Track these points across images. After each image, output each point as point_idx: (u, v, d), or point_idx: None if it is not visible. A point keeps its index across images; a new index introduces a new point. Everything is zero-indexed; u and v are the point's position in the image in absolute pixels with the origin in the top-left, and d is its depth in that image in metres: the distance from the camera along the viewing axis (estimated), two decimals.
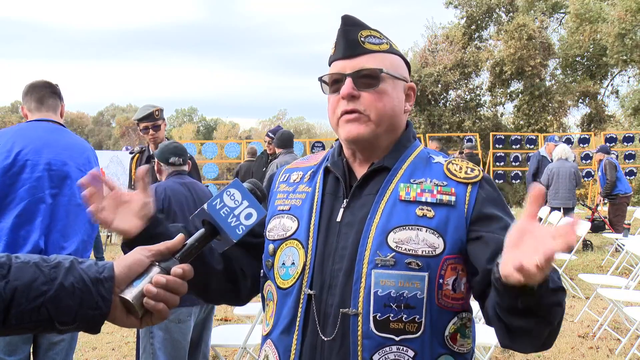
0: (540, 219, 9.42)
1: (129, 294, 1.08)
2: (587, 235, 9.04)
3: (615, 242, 8.48)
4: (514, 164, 16.32)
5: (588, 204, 14.05)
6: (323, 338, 1.29)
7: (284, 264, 1.38)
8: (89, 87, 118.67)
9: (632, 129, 21.90)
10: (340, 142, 1.47)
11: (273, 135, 7.17)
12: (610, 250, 8.96)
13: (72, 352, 3.12)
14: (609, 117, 26.14)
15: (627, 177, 12.51)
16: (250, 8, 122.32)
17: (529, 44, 22.83)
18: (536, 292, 1.10)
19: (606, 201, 10.21)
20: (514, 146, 16.36)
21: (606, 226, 10.38)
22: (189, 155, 3.88)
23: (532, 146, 15.96)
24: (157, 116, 4.55)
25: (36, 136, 2.92)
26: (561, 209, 8.81)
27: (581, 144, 16.08)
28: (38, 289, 1.03)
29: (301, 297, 1.32)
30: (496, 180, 15.17)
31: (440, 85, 24.49)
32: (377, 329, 1.26)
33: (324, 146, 15.32)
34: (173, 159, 3.55)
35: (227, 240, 1.15)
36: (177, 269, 1.11)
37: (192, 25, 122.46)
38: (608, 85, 26.58)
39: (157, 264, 1.12)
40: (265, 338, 1.43)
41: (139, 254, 1.12)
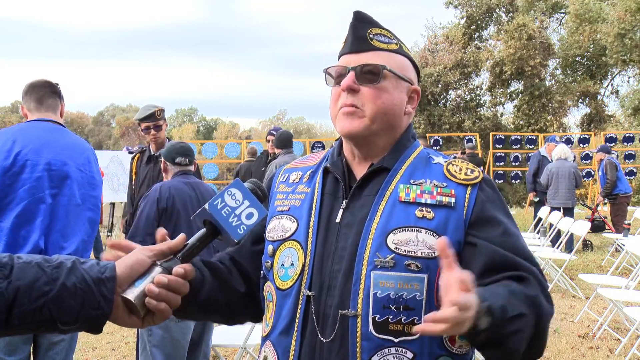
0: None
1: (131, 294, 1.08)
2: (587, 235, 9.03)
3: (615, 242, 8.48)
4: (514, 164, 16.31)
5: (588, 204, 14.04)
6: (322, 339, 1.29)
7: (283, 264, 1.38)
8: (89, 87, 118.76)
9: (632, 129, 21.89)
10: (340, 142, 1.48)
11: (276, 132, 7.17)
12: (610, 250, 8.97)
13: (72, 352, 3.13)
14: (609, 117, 26.13)
15: (627, 177, 12.50)
16: (250, 8, 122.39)
17: (529, 44, 22.82)
18: (483, 329, 1.10)
19: (606, 201, 10.21)
20: (514, 146, 16.36)
21: (606, 226, 10.38)
22: None
23: (532, 146, 15.96)
24: (159, 116, 4.56)
25: (36, 136, 2.91)
26: (561, 209, 8.82)
27: (581, 144, 16.07)
28: (40, 289, 1.04)
29: (300, 298, 1.32)
30: (496, 180, 15.17)
31: (440, 85, 24.48)
32: (376, 331, 1.26)
33: (324, 146, 15.32)
34: (179, 159, 3.59)
35: (229, 240, 1.15)
36: (179, 268, 1.11)
37: (192, 25, 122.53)
38: (608, 85, 26.58)
39: (159, 263, 1.12)
40: (264, 339, 1.43)
41: (141, 253, 1.12)
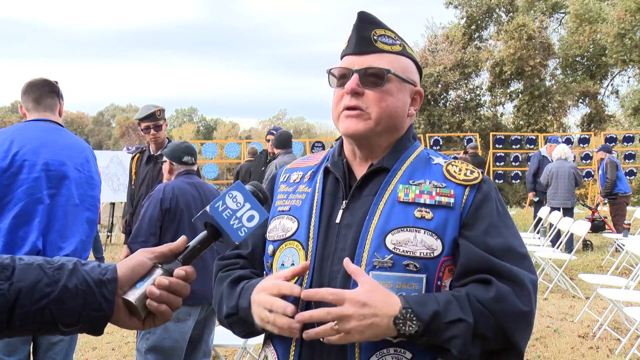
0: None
1: (132, 296, 1.08)
2: (587, 235, 9.04)
3: (615, 242, 8.49)
4: (513, 164, 16.32)
5: (588, 204, 14.05)
6: (321, 340, 1.28)
7: (283, 264, 1.38)
8: (89, 87, 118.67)
9: (632, 129, 21.90)
10: (341, 142, 1.48)
11: (275, 132, 7.17)
12: (610, 250, 8.97)
13: (72, 352, 3.11)
14: (609, 117, 26.13)
15: (627, 177, 12.51)
16: (250, 8, 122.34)
17: (529, 44, 22.82)
18: (415, 334, 1.20)
19: (606, 201, 10.22)
20: (513, 146, 16.36)
21: (606, 226, 10.39)
22: None
23: (532, 146, 15.96)
24: (159, 116, 4.55)
25: (34, 136, 2.90)
26: (560, 209, 8.82)
27: (581, 144, 16.07)
28: (42, 290, 1.04)
29: (300, 299, 1.33)
30: (496, 180, 15.17)
31: (440, 86, 24.48)
32: None
33: (324, 146, 15.32)
34: (186, 158, 3.61)
35: (229, 242, 1.15)
36: (180, 270, 1.11)
37: (192, 25, 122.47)
38: (608, 85, 26.58)
39: (160, 266, 1.12)
40: (265, 339, 1.43)
41: (142, 256, 1.12)
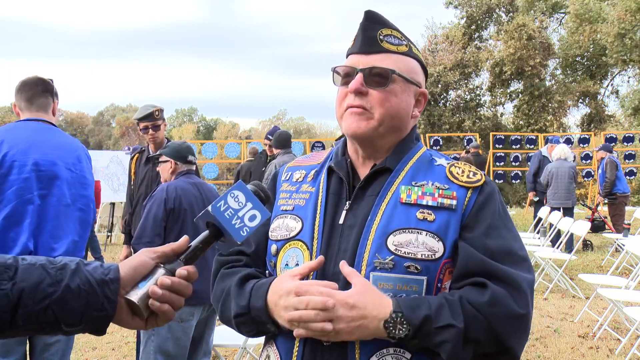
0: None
1: (135, 296, 1.08)
2: (587, 235, 9.04)
3: (615, 242, 8.49)
4: (514, 164, 16.31)
5: (588, 204, 14.05)
6: (323, 341, 1.29)
7: (287, 264, 1.38)
8: (89, 87, 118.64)
9: (632, 129, 21.90)
10: (344, 141, 1.48)
11: (272, 136, 7.17)
12: (610, 250, 8.97)
13: (69, 353, 3.07)
14: (609, 117, 26.13)
15: (627, 177, 12.52)
16: (250, 8, 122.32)
17: (529, 44, 22.82)
18: (405, 337, 1.22)
19: (606, 201, 10.23)
20: (514, 146, 16.36)
21: (606, 226, 10.39)
22: None
23: (532, 146, 15.97)
24: (157, 116, 4.53)
25: (24, 137, 2.86)
26: (560, 209, 8.83)
27: (581, 144, 16.07)
28: (44, 290, 1.04)
29: None
30: (496, 180, 15.17)
31: (440, 86, 24.48)
32: None
33: (323, 146, 15.32)
34: (191, 157, 3.63)
35: (231, 242, 1.15)
36: (182, 270, 1.11)
37: (192, 25, 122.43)
38: (608, 85, 26.58)
39: (162, 265, 1.12)
40: (267, 338, 1.43)
41: (144, 255, 1.12)
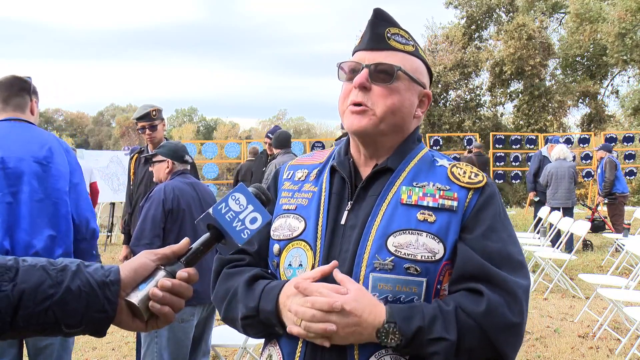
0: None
1: (135, 298, 1.08)
2: (587, 235, 9.04)
3: (615, 242, 8.49)
4: (514, 164, 16.32)
5: (588, 204, 14.06)
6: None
7: (290, 265, 1.37)
8: (89, 87, 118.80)
9: (632, 129, 21.90)
10: (347, 140, 1.48)
11: (272, 135, 7.18)
12: (610, 250, 8.97)
13: (67, 356, 3.03)
14: (609, 117, 26.12)
15: (627, 177, 12.53)
16: (250, 8, 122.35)
17: (529, 44, 22.81)
18: (398, 346, 1.23)
19: (606, 201, 10.23)
20: (514, 146, 16.37)
21: (606, 226, 10.40)
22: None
23: (532, 146, 15.97)
24: (154, 116, 4.51)
25: None
26: (560, 209, 8.83)
27: (581, 144, 16.08)
28: (45, 292, 1.04)
29: None
30: (496, 180, 15.17)
31: (440, 86, 24.46)
32: None
33: (323, 146, 15.33)
34: (187, 157, 3.63)
35: (232, 244, 1.15)
36: (183, 272, 1.11)
37: (192, 25, 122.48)
38: (608, 85, 26.57)
39: (163, 267, 1.12)
40: (270, 338, 1.42)
41: (145, 257, 1.12)
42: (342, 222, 1.36)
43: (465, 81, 25.44)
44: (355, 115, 1.35)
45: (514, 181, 18.11)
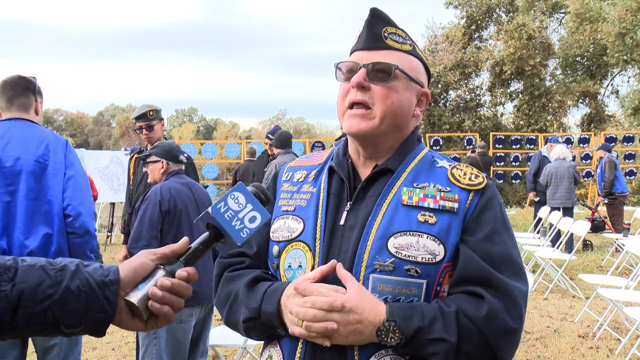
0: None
1: (135, 297, 1.08)
2: (587, 235, 9.04)
3: (615, 242, 8.49)
4: (514, 164, 16.32)
5: (588, 204, 14.06)
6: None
7: (290, 266, 1.37)
8: (89, 87, 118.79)
9: (632, 129, 21.89)
10: (345, 140, 1.47)
11: (272, 136, 7.17)
12: (610, 250, 8.97)
13: (76, 353, 3.03)
14: (609, 117, 26.12)
15: (627, 177, 12.53)
16: (250, 8, 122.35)
17: (529, 44, 22.81)
18: (397, 345, 1.23)
19: (606, 201, 10.24)
20: (514, 146, 16.37)
21: (606, 226, 10.39)
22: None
23: (532, 146, 15.97)
24: (152, 116, 4.51)
25: None
26: (560, 209, 8.83)
27: (581, 144, 16.07)
28: (44, 291, 1.04)
29: None
30: (496, 180, 15.17)
31: (440, 86, 24.46)
32: None
33: (323, 146, 15.32)
34: (182, 157, 3.61)
35: (232, 243, 1.15)
36: (182, 272, 1.11)
37: (192, 25, 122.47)
38: (608, 85, 26.57)
39: (162, 267, 1.12)
40: (271, 339, 1.42)
41: (144, 257, 1.12)
42: (341, 223, 1.36)
43: (465, 81, 25.43)
44: (354, 117, 1.35)
45: (514, 181, 18.11)
